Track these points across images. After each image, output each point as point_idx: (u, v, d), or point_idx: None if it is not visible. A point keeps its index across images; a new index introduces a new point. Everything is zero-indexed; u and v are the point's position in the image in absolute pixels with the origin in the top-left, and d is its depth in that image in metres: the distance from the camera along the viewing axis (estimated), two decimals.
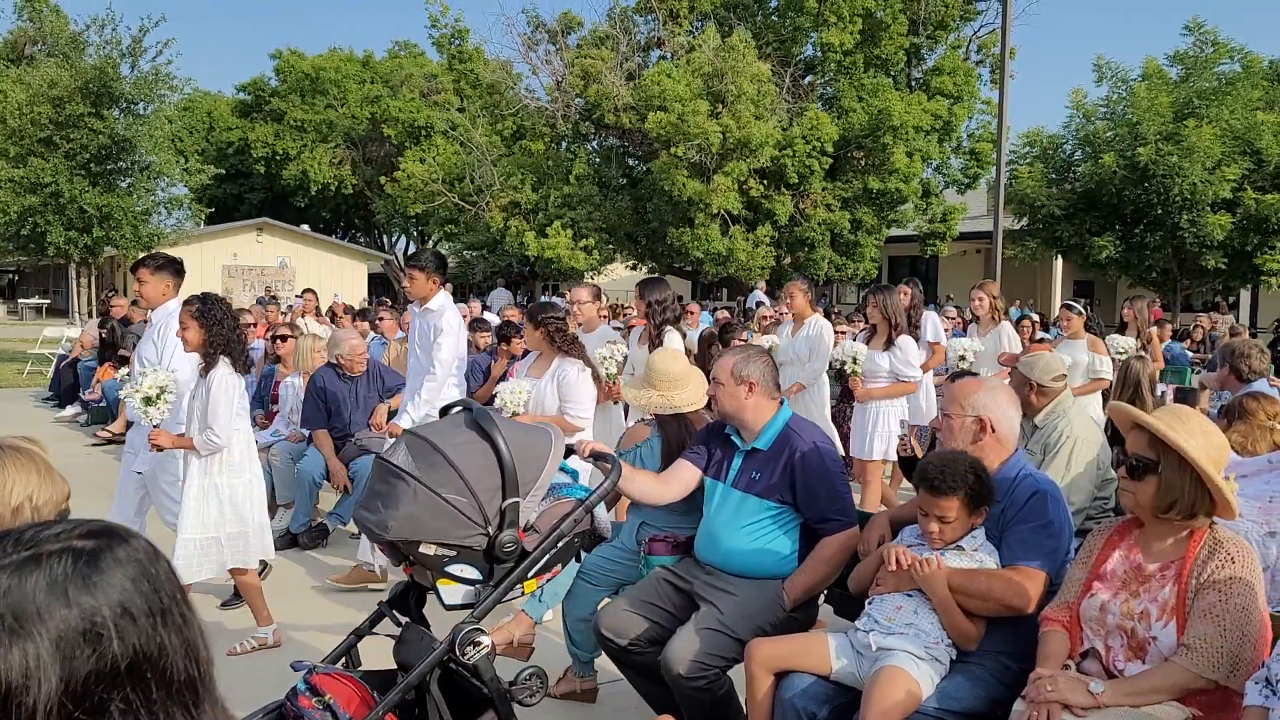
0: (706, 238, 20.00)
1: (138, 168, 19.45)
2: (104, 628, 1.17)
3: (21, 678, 1.13)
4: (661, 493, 3.61)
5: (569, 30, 23.56)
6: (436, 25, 24.59)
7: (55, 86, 18.14)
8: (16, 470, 1.87)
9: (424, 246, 44.88)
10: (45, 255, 20.12)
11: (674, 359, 4.10)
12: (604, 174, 22.47)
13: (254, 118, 44.38)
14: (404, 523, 2.67)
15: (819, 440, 3.54)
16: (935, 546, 2.95)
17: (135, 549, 1.24)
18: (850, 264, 21.71)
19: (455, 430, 2.83)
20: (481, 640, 2.68)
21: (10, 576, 1.16)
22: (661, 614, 3.58)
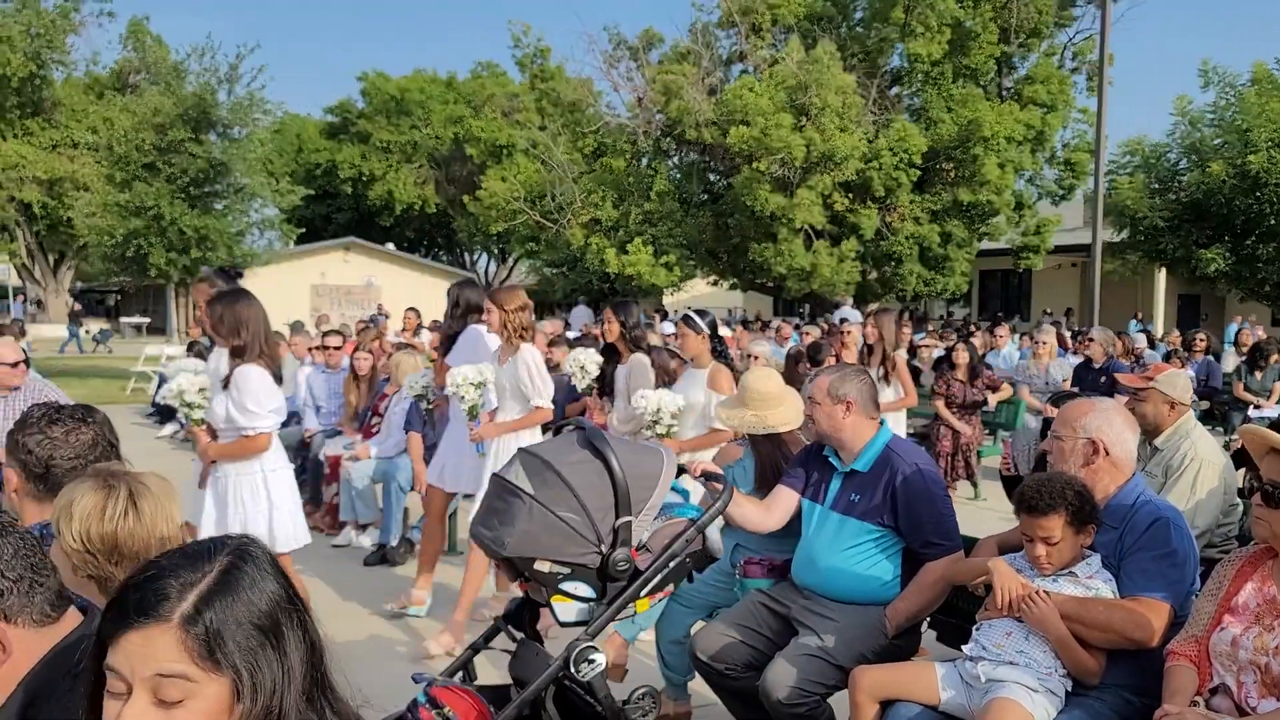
0: (789, 253, 19.81)
1: (233, 190, 20.08)
2: (309, 624, 1.30)
3: (284, 683, 1.23)
4: (765, 521, 3.55)
5: (650, 46, 23.65)
6: (519, 45, 24.98)
7: (158, 113, 18.85)
8: (160, 506, 1.92)
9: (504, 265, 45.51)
10: (147, 276, 20.89)
11: (768, 378, 4.03)
12: (685, 190, 22.45)
13: (341, 139, 45.64)
14: (519, 539, 2.70)
15: (921, 462, 3.43)
16: (1045, 572, 2.81)
17: (260, 546, 1.32)
18: (940, 279, 21.26)
19: (569, 449, 2.85)
20: (595, 658, 2.68)
21: (222, 596, 1.23)
22: (758, 638, 3.50)
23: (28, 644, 1.51)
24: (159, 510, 1.94)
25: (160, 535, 1.93)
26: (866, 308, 21.62)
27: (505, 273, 46.58)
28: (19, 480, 2.33)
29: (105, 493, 1.91)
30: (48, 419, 2.35)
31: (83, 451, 2.33)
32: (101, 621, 1.24)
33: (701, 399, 5.15)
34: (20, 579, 1.51)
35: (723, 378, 5.14)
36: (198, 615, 1.19)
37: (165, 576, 1.22)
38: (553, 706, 2.72)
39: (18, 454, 2.31)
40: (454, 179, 43.56)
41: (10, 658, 1.49)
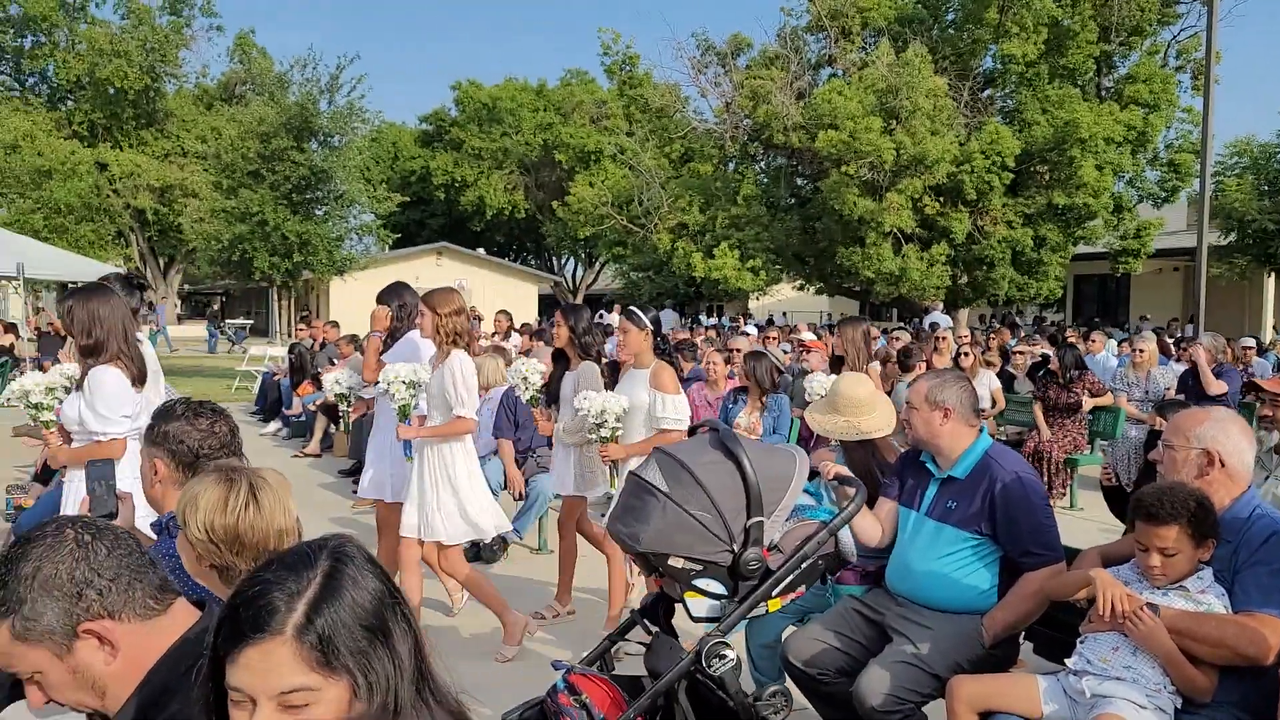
0: (878, 257, 19.55)
1: (333, 197, 20.73)
2: (400, 609, 1.33)
3: (397, 678, 1.26)
4: (880, 534, 3.55)
5: (738, 52, 23.59)
6: (608, 52, 25.14)
7: (263, 123, 19.59)
8: (278, 499, 2.02)
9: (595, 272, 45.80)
10: (251, 279, 21.69)
11: (860, 384, 4.01)
12: (772, 194, 22.34)
13: (435, 147, 46.63)
14: (654, 536, 2.79)
15: (1021, 470, 3.38)
16: (1157, 584, 2.74)
17: (356, 544, 1.36)
18: (1033, 283, 20.72)
19: (702, 449, 2.93)
20: (727, 654, 2.75)
21: (341, 597, 1.26)
22: (851, 644, 3.49)
23: (136, 638, 1.57)
24: (277, 503, 2.03)
25: (278, 527, 2.03)
26: (957, 313, 21.21)
27: (592, 277, 47.01)
28: (166, 469, 2.47)
29: (227, 486, 2.02)
30: (192, 412, 2.50)
31: (226, 442, 2.50)
32: (215, 638, 1.28)
33: (645, 399, 4.84)
34: (117, 577, 1.56)
35: (666, 376, 4.85)
36: (309, 624, 1.23)
37: (272, 590, 1.26)
38: (685, 699, 2.80)
39: (168, 444, 2.45)
40: (543, 185, 44.11)
41: (120, 652, 1.56)
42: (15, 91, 38.22)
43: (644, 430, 4.86)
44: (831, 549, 3.07)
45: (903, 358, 7.72)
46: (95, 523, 1.61)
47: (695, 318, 31.82)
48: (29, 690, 1.54)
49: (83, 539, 1.56)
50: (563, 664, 2.90)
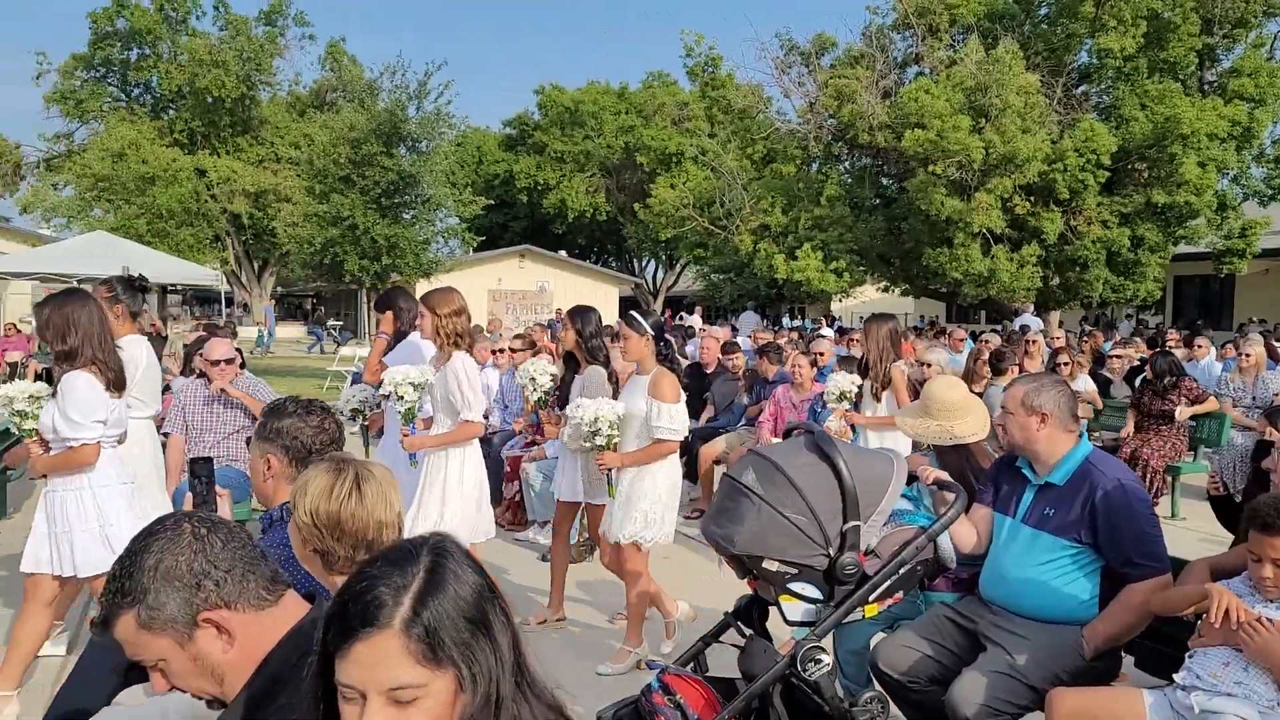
0: (966, 258, 19.13)
1: (420, 200, 21.12)
2: (499, 603, 1.35)
3: (498, 674, 1.29)
4: (977, 542, 3.48)
5: (823, 51, 23.36)
6: (691, 54, 25.13)
7: (353, 129, 20.07)
8: (381, 492, 2.09)
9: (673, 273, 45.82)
10: (342, 281, 22.24)
11: (953, 387, 3.94)
12: (856, 195, 22.05)
13: (518, 151, 47.23)
14: (748, 538, 2.79)
15: (1124, 477, 3.28)
16: (1270, 596, 2.63)
17: (454, 542, 1.39)
18: (1129, 285, 20.04)
19: (797, 452, 2.91)
20: (823, 658, 2.73)
21: (446, 593, 1.30)
22: (943, 652, 3.43)
23: (250, 628, 1.63)
24: (379, 495, 2.11)
25: (378, 518, 2.10)
26: (1048, 315, 20.63)
27: (673, 278, 47.06)
28: (278, 464, 2.58)
29: (335, 475, 2.11)
30: (304, 409, 2.62)
31: (335, 438, 2.62)
32: (324, 634, 1.32)
33: (643, 407, 4.61)
34: (232, 568, 1.62)
35: (666, 384, 4.57)
36: (416, 618, 1.26)
37: (378, 585, 1.29)
38: (780, 703, 2.79)
39: (281, 440, 2.57)
40: (624, 187, 44.33)
41: (237, 641, 1.62)
42: (122, 102, 39.95)
43: (643, 439, 4.63)
44: (930, 555, 3.02)
45: (995, 361, 7.54)
46: (210, 517, 1.69)
47: (777, 320, 31.59)
48: (153, 676, 1.62)
49: (199, 532, 1.63)
50: (657, 663, 2.92)
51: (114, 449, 3.96)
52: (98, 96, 39.47)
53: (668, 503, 4.62)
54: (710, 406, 9.08)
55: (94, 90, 39.52)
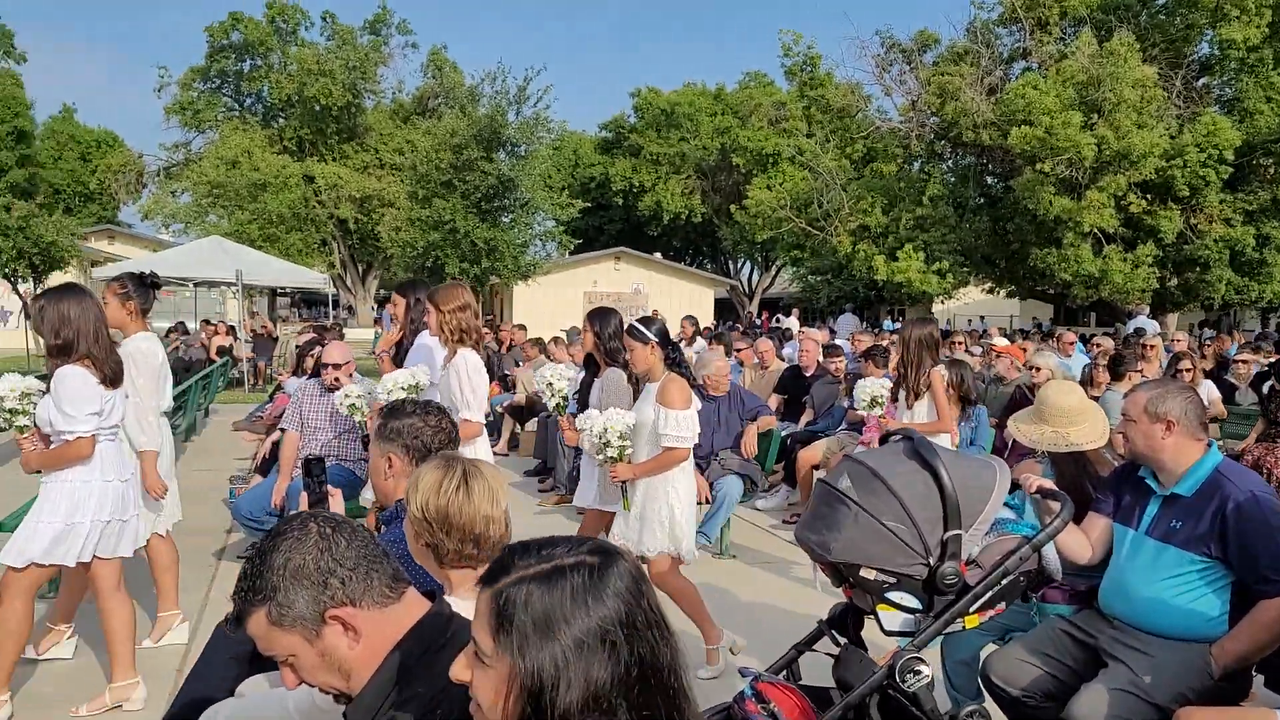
0: (1076, 258, 18.50)
1: (519, 204, 21.43)
2: (615, 635, 1.27)
3: (552, 677, 1.26)
4: (1087, 552, 3.34)
5: (925, 48, 22.91)
6: (788, 54, 24.94)
7: (455, 135, 20.49)
8: (488, 489, 2.13)
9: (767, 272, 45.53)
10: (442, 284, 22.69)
11: (1069, 392, 3.78)
12: (960, 194, 21.55)
13: (614, 153, 47.56)
14: (845, 545, 2.73)
15: (1258, 489, 3.09)
16: None
17: (629, 566, 1.33)
18: (1254, 286, 19.09)
19: (896, 458, 2.84)
20: (922, 669, 2.66)
21: (538, 585, 1.29)
22: (1060, 667, 3.29)
23: (375, 624, 1.66)
24: (485, 492, 2.15)
25: (484, 514, 2.14)
26: (1165, 317, 19.79)
27: (769, 280, 46.75)
28: (400, 463, 2.66)
29: (444, 471, 2.16)
30: (422, 410, 2.70)
31: (452, 437, 2.69)
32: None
33: (652, 415, 4.39)
34: (357, 566, 1.66)
35: (674, 390, 4.32)
36: (504, 588, 1.30)
37: (518, 554, 1.34)
38: (877, 714, 2.72)
39: (402, 439, 2.67)
40: (720, 188, 44.22)
41: (362, 637, 1.66)
42: (235, 112, 41.66)
43: (654, 448, 4.43)
44: (1034, 566, 2.90)
45: (1114, 365, 7.25)
46: (335, 517, 1.73)
47: (875, 322, 31.07)
48: (283, 671, 1.67)
49: (324, 531, 1.68)
50: (750, 671, 2.87)
51: (113, 443, 3.96)
52: (213, 107, 41.25)
53: (689, 514, 4.45)
54: (809, 410, 8.96)
55: (210, 101, 41.32)
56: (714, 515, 6.80)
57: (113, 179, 42.53)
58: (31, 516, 3.83)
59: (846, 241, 22.76)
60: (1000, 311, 33.56)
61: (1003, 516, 2.97)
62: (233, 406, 13.90)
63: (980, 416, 6.73)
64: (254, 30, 39.45)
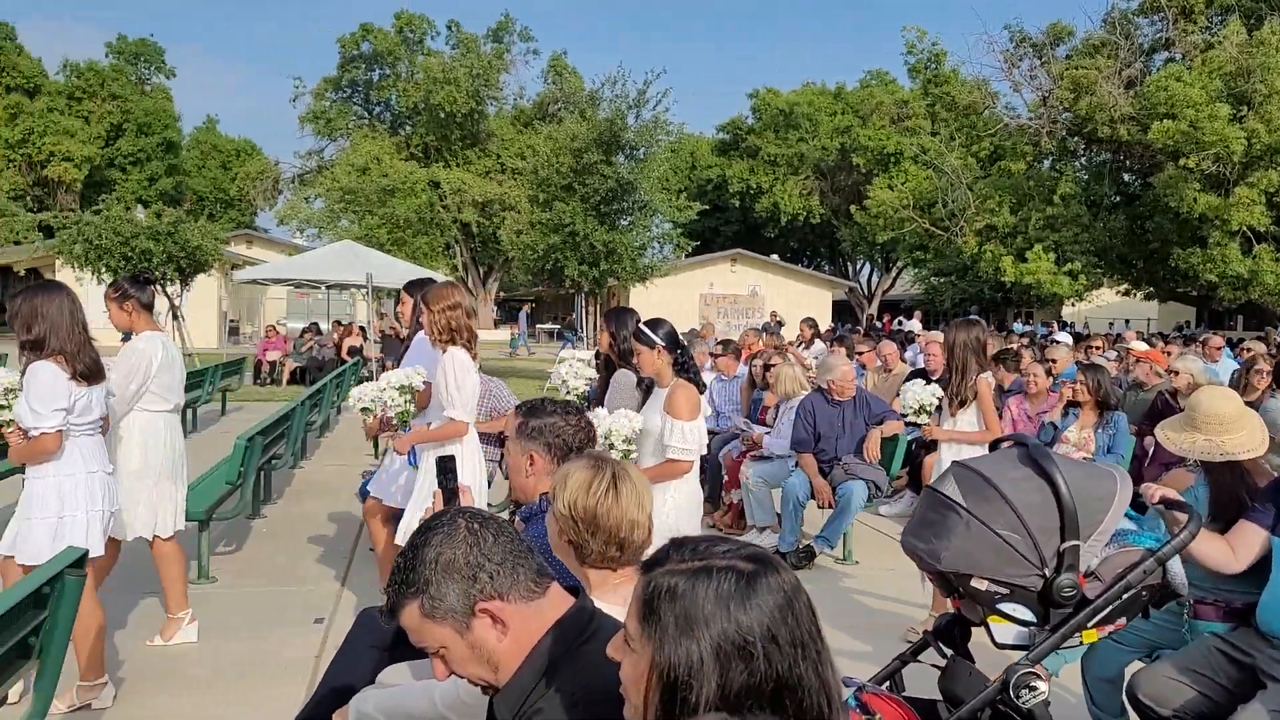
0: (1223, 258, 17.53)
1: (637, 207, 21.57)
2: (754, 647, 1.26)
3: (686, 674, 1.25)
4: (1230, 561, 3.16)
5: (1058, 41, 22.07)
6: (912, 51, 24.40)
7: (575, 139, 20.77)
8: (635, 493, 2.15)
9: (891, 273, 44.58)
10: (562, 286, 23.05)
11: (1225, 399, 3.57)
12: (1094, 192, 20.69)
13: (731, 155, 47.41)
14: (955, 554, 2.64)
15: None
16: None
17: (785, 580, 1.33)
18: None
19: (1009, 465, 2.74)
20: (1038, 685, 2.56)
21: (685, 581, 1.30)
22: (1214, 687, 3.12)
23: (521, 618, 1.71)
24: (633, 497, 2.17)
25: (630, 518, 2.16)
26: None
27: (889, 282, 45.83)
28: (542, 461, 2.71)
29: (593, 472, 2.19)
30: (563, 409, 2.75)
31: (591, 436, 2.74)
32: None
33: (659, 422, 4.23)
34: (504, 561, 1.70)
35: (681, 399, 4.18)
36: (653, 581, 1.34)
37: (677, 548, 1.38)
38: None
39: (544, 437, 2.72)
40: (839, 189, 43.58)
41: (510, 630, 1.70)
42: (365, 120, 43.22)
43: (658, 455, 4.31)
44: (1158, 580, 2.74)
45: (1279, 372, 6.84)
46: (481, 513, 1.78)
47: (1002, 325, 30.08)
48: (434, 663, 1.72)
49: (473, 527, 1.73)
50: (854, 681, 2.79)
51: (93, 437, 3.95)
52: (344, 115, 42.89)
53: (685, 525, 4.25)
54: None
55: (341, 110, 42.97)
56: (837, 520, 6.69)
57: (251, 186, 44.74)
58: (21, 512, 3.84)
59: (972, 242, 22.12)
60: (1137, 314, 32.06)
61: (1124, 528, 2.84)
62: None
63: (1119, 423, 6.44)
64: (383, 40, 40.86)
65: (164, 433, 4.68)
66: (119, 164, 51.03)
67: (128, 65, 53.66)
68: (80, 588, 2.76)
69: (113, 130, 50.68)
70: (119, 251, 19.88)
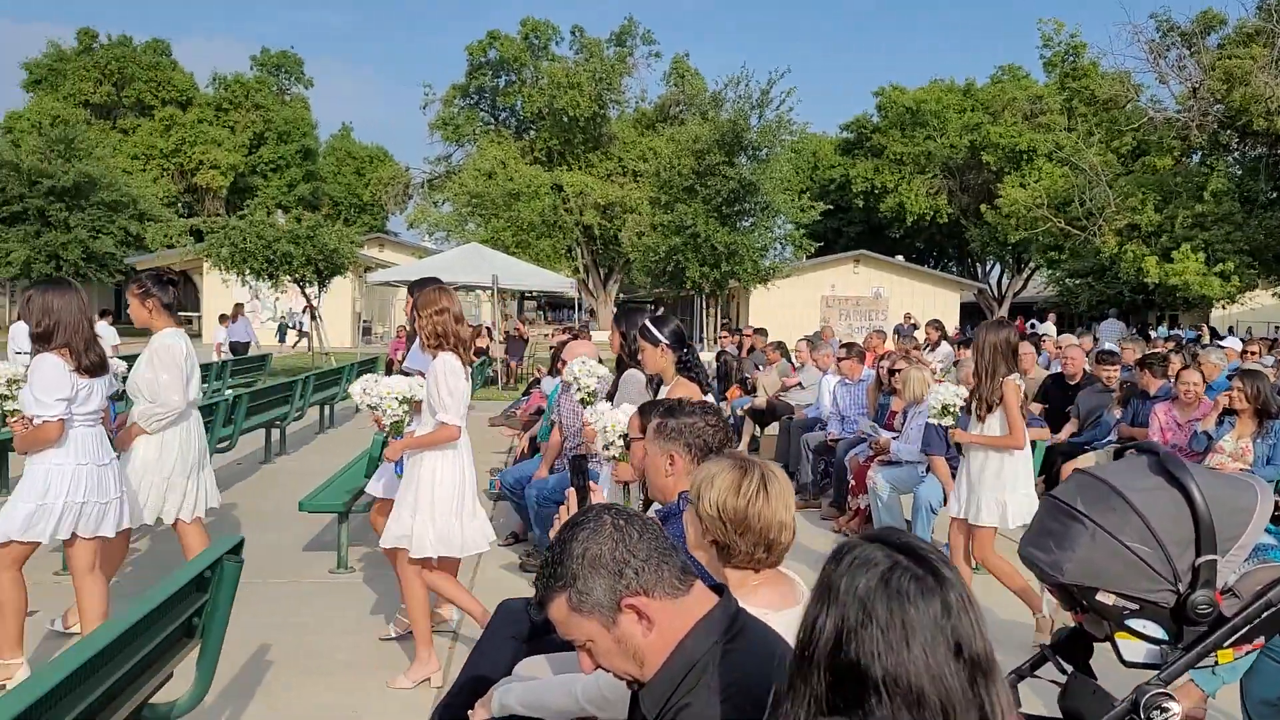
0: None
1: (759, 208, 21.43)
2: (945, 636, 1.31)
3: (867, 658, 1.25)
4: None
5: (1208, 30, 20.88)
6: (1049, 44, 23.51)
7: (697, 141, 20.78)
8: (783, 494, 2.12)
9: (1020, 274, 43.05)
10: (682, 288, 23.08)
11: None
12: (1248, 188, 19.50)
13: (855, 154, 46.59)
14: (1080, 566, 2.51)
15: None
16: None
17: (949, 598, 1.32)
18: None
19: (1139, 474, 2.60)
20: (1170, 706, 2.41)
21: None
22: None
23: (666, 615, 1.71)
24: (780, 498, 2.13)
25: (779, 520, 2.14)
26: None
27: (1019, 283, 44.24)
28: (682, 461, 2.72)
29: (741, 473, 2.16)
30: (702, 409, 2.75)
31: (730, 437, 2.72)
32: None
33: None
34: (649, 558, 1.71)
35: (678, 395, 4.05)
36: (830, 571, 1.38)
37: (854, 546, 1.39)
38: None
39: (684, 437, 2.73)
40: (968, 188, 42.34)
41: (655, 626, 1.70)
42: (491, 125, 44.26)
43: None
44: None
45: None
46: (626, 510, 1.78)
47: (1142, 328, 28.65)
48: (580, 656, 1.73)
49: (618, 523, 1.74)
50: None
51: (91, 428, 4.14)
52: (472, 121, 44.01)
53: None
54: (1074, 420, 8.37)
55: (469, 116, 44.11)
56: None
57: (383, 191, 46.39)
58: (14, 494, 4.07)
59: (1112, 241, 21.14)
60: None
61: (1264, 543, 2.65)
62: (488, 404, 14.74)
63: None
64: (509, 47, 41.75)
65: (180, 425, 4.85)
66: (260, 171, 53.67)
67: (270, 76, 56.38)
68: (238, 573, 2.88)
69: (255, 139, 53.35)
70: (262, 254, 20.90)
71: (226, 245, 21.03)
